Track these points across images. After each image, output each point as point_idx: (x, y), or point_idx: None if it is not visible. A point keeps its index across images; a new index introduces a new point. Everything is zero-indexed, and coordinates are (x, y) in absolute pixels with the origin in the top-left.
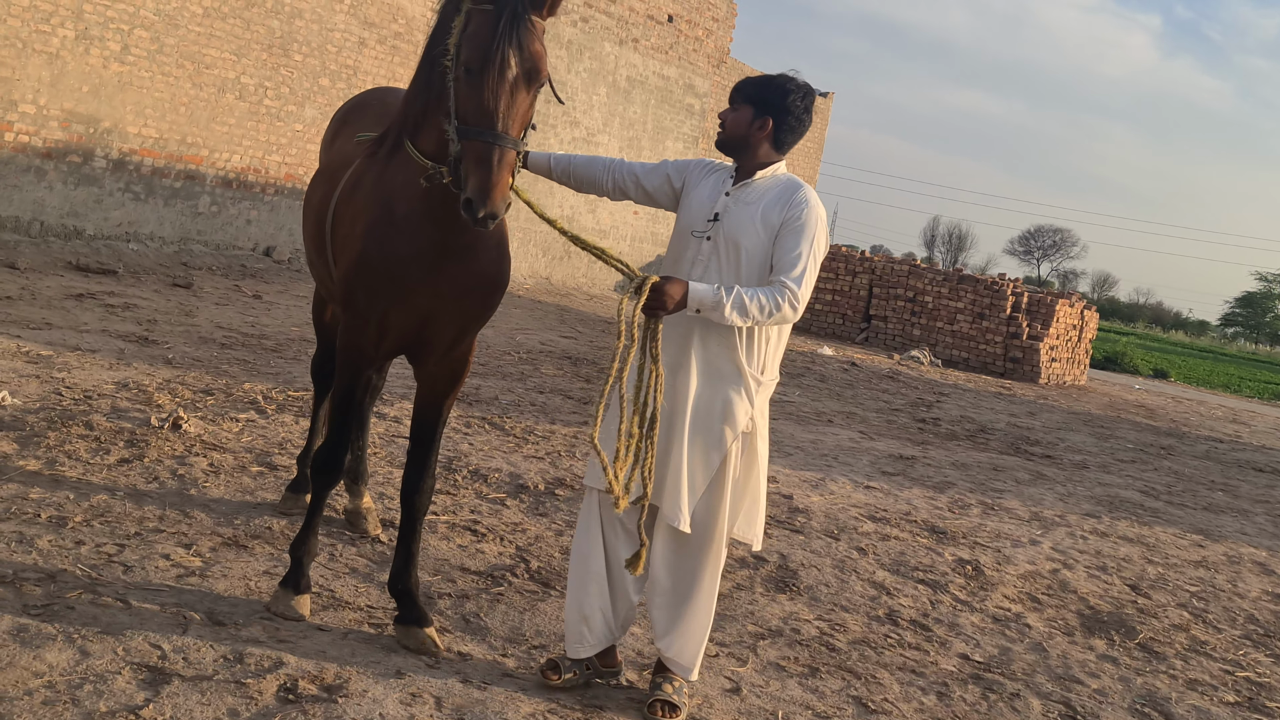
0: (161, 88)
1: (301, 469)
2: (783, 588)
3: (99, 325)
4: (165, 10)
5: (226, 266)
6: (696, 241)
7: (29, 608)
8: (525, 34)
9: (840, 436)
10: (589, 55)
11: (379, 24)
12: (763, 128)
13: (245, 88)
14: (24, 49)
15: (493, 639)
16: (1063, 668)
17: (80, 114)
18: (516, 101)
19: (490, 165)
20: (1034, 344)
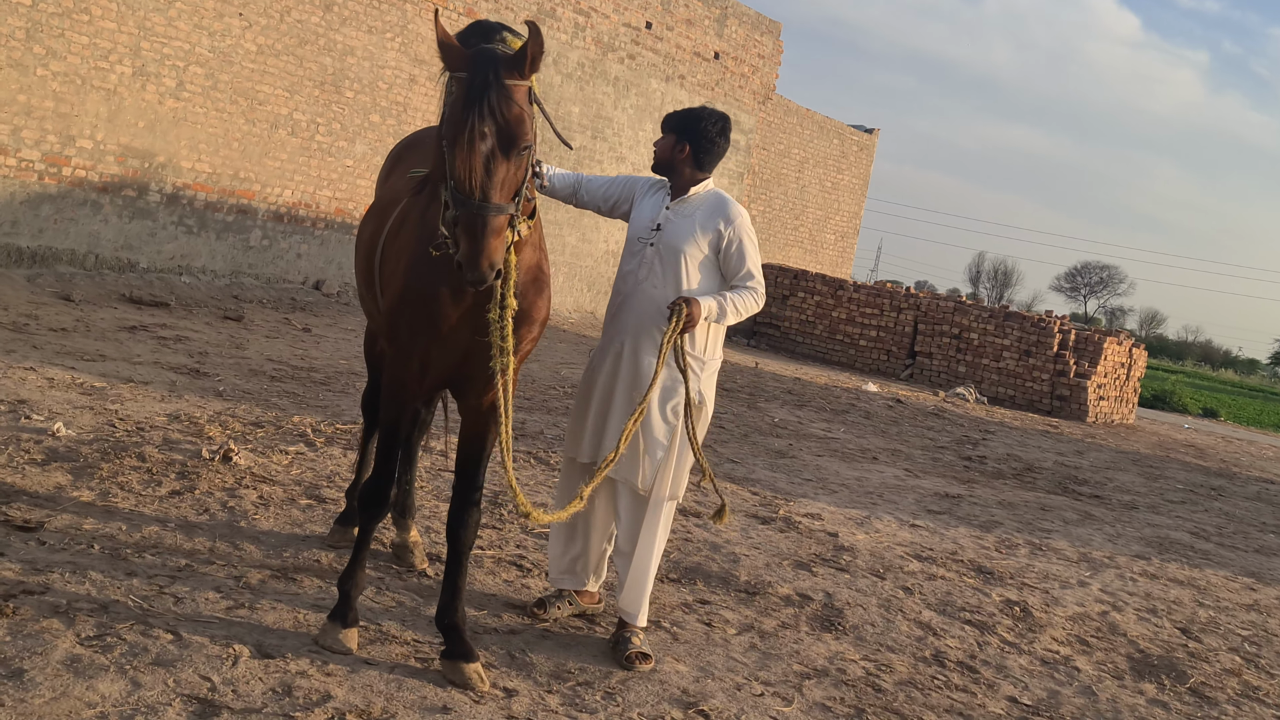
0: (215, 123)
1: (350, 502)
2: (828, 627)
3: (151, 357)
4: (220, 48)
5: (276, 300)
6: (642, 247)
7: (82, 638)
8: (500, 101)
9: (885, 474)
10: (635, 92)
11: (429, 61)
12: (682, 151)
13: (297, 124)
14: (83, 85)
15: (538, 675)
16: (1112, 712)
17: (136, 149)
18: (496, 170)
19: (475, 234)
20: (1081, 382)
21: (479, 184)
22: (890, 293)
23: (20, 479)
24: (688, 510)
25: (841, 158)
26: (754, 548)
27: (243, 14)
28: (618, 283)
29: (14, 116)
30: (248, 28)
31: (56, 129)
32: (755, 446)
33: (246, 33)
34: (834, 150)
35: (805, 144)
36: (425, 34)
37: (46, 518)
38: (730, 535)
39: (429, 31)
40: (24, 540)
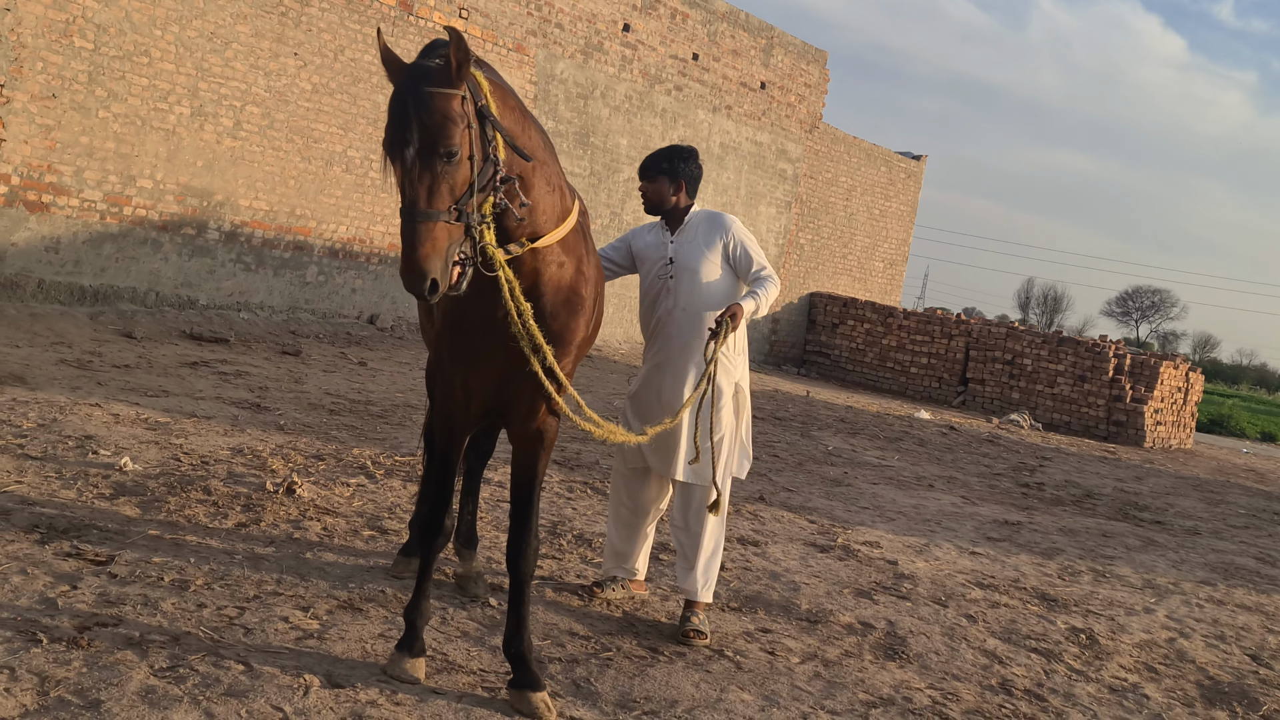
0: (272, 161)
1: (412, 533)
2: (892, 655)
3: (213, 392)
4: (275, 87)
5: (333, 334)
6: (662, 280)
7: (156, 669)
8: (421, 109)
9: (942, 501)
10: (682, 123)
11: None
12: (677, 189)
13: (351, 160)
14: (142, 126)
15: (603, 704)
16: None
17: (194, 188)
18: (425, 175)
19: (407, 241)
20: (1138, 407)
21: (406, 191)
22: (941, 319)
23: (90, 513)
24: (746, 539)
25: (889, 185)
26: (814, 576)
27: (298, 54)
28: (647, 320)
29: (77, 158)
30: (302, 67)
31: (117, 169)
32: (810, 475)
33: (301, 72)
34: (881, 177)
35: (853, 172)
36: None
37: (117, 551)
38: (789, 564)
39: None
40: (96, 574)
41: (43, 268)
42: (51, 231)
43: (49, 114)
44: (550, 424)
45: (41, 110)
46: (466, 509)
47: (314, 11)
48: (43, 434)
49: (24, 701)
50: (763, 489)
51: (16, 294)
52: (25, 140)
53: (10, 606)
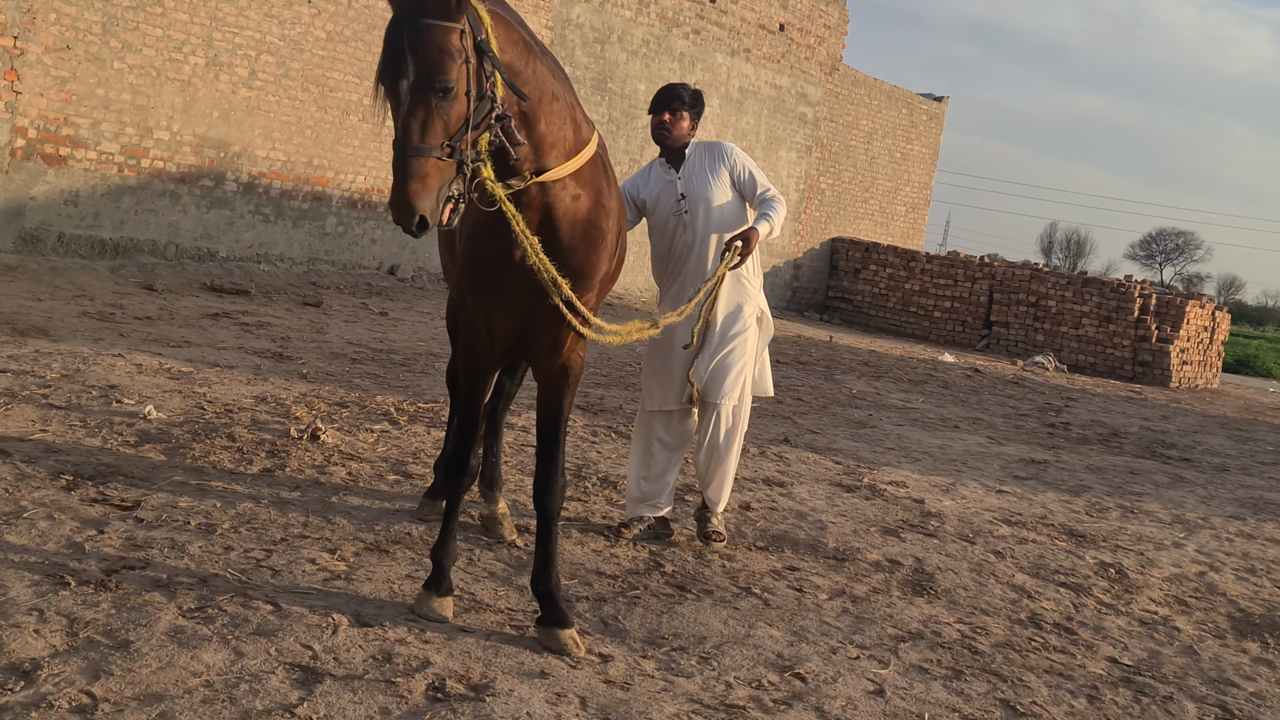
0: (288, 111)
1: (438, 475)
2: (920, 591)
3: (235, 343)
4: (290, 36)
5: (353, 285)
6: (678, 216)
7: (184, 610)
8: (417, 41)
9: (968, 442)
10: (701, 67)
11: None
12: (694, 126)
13: (368, 109)
14: (158, 77)
15: (632, 641)
16: (1216, 671)
17: (211, 139)
18: (419, 110)
19: (398, 176)
20: (1164, 347)
21: (399, 124)
22: (964, 263)
23: (115, 460)
24: (771, 480)
25: (911, 127)
26: (840, 515)
27: (311, 1)
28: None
29: (93, 110)
30: (317, 15)
31: (134, 121)
32: (835, 417)
33: (316, 20)
34: (903, 120)
35: (874, 114)
36: None
37: (143, 496)
38: (816, 504)
39: None
40: (122, 518)
41: (62, 221)
42: (70, 185)
43: (64, 66)
44: (575, 360)
45: (56, 62)
46: (490, 450)
47: None
48: (66, 384)
49: (53, 642)
50: (787, 431)
51: (37, 248)
52: (41, 93)
53: (38, 551)
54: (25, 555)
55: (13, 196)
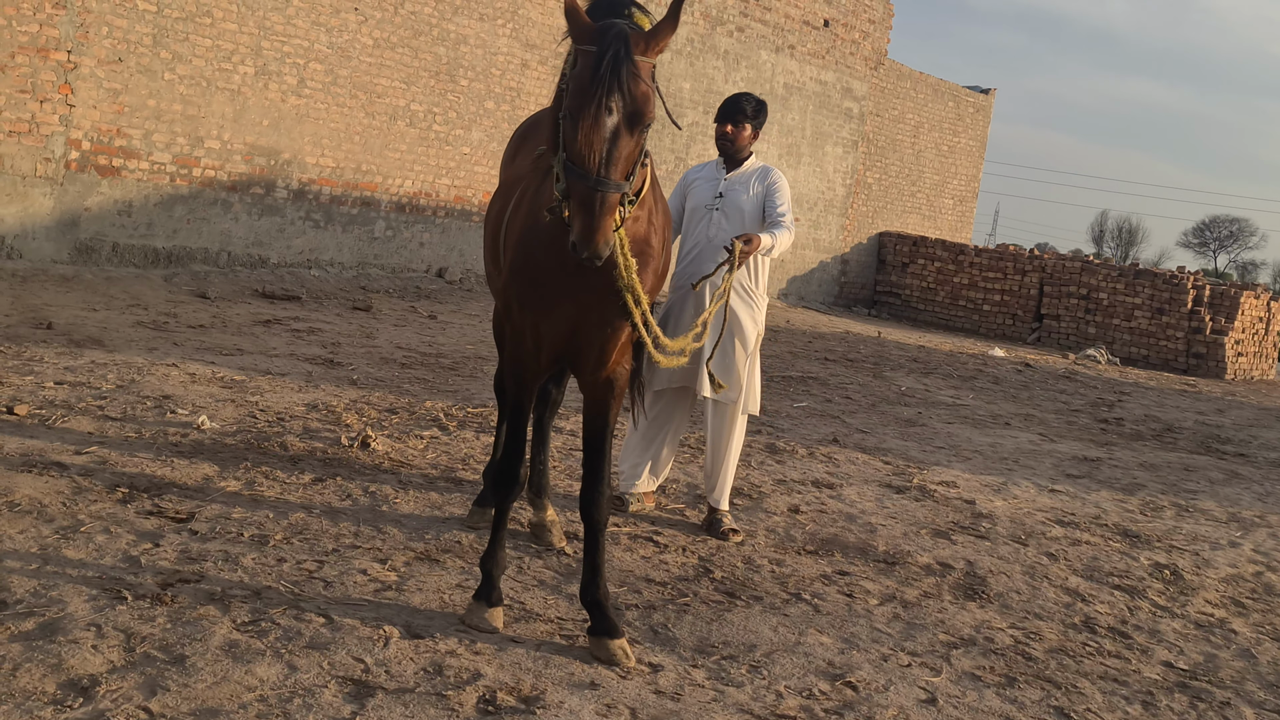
0: (336, 118)
1: (487, 482)
2: (972, 595)
3: (287, 349)
4: (338, 43)
5: (402, 289)
6: (707, 212)
7: (238, 624)
8: (627, 77)
9: (1019, 439)
10: (745, 64)
11: (540, 45)
12: (755, 135)
13: (415, 114)
14: (208, 87)
15: (682, 649)
16: (1275, 674)
17: (261, 147)
18: (618, 145)
19: (591, 210)
20: (1218, 339)
21: (599, 159)
22: (1014, 255)
23: (170, 471)
24: (820, 481)
25: (957, 120)
26: (890, 517)
27: (358, 9)
28: (687, 249)
29: (145, 121)
30: (364, 22)
31: (185, 131)
32: (884, 416)
33: (363, 27)
34: (949, 113)
35: (920, 108)
36: (535, 19)
37: (197, 508)
38: (865, 506)
39: (539, 16)
40: (177, 531)
41: (116, 231)
42: (123, 195)
43: (116, 78)
44: (621, 372)
45: (108, 75)
46: (538, 457)
47: None
48: (122, 395)
49: (111, 658)
50: (836, 431)
51: (92, 258)
52: (94, 105)
53: (95, 565)
54: (83, 570)
55: (68, 208)
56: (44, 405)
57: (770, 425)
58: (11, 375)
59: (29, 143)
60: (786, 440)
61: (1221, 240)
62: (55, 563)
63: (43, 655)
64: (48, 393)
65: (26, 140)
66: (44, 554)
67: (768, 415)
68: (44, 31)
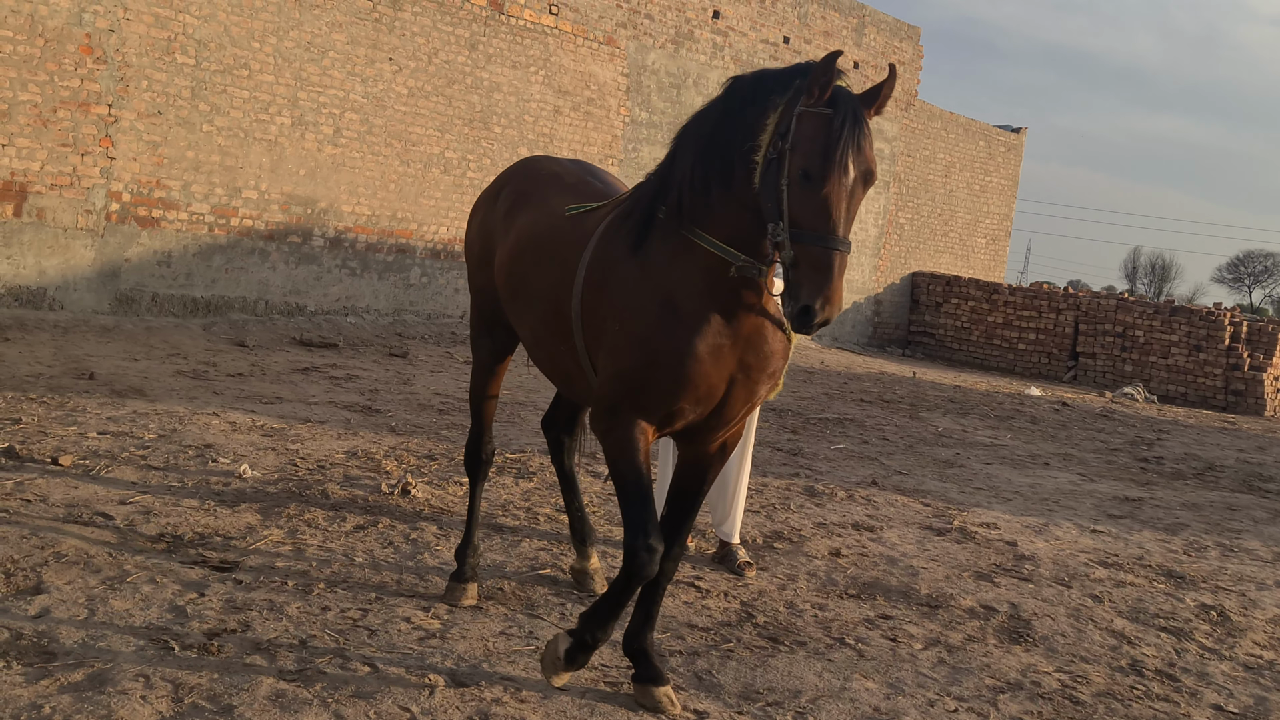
0: (372, 166)
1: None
2: (1017, 639)
3: (325, 397)
4: (373, 93)
5: (437, 335)
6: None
7: (284, 673)
8: (863, 138)
9: (1059, 479)
10: None
11: (572, 92)
12: None
13: (449, 162)
14: (245, 138)
15: (726, 696)
16: None
17: (298, 196)
18: (853, 205)
19: (831, 272)
20: (1257, 375)
21: (842, 221)
22: (1048, 294)
23: (213, 521)
24: (860, 524)
25: (989, 159)
26: (932, 560)
27: (393, 59)
28: None
29: (184, 173)
30: (398, 71)
31: (223, 181)
32: (922, 457)
33: (397, 76)
34: (980, 152)
35: (951, 148)
36: (568, 66)
37: (241, 557)
38: (906, 548)
39: (571, 64)
40: (222, 580)
41: (156, 281)
42: (163, 246)
43: (155, 131)
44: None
45: (148, 127)
46: (573, 505)
47: (407, 16)
48: (164, 444)
49: (159, 709)
50: (874, 473)
51: (132, 308)
52: (134, 158)
53: (142, 615)
54: (130, 620)
55: (109, 259)
56: (88, 455)
57: (809, 468)
58: (55, 426)
59: (70, 195)
60: (825, 483)
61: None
62: (103, 613)
63: (92, 706)
64: (91, 443)
65: (68, 193)
66: (91, 605)
67: (805, 458)
68: (85, 86)
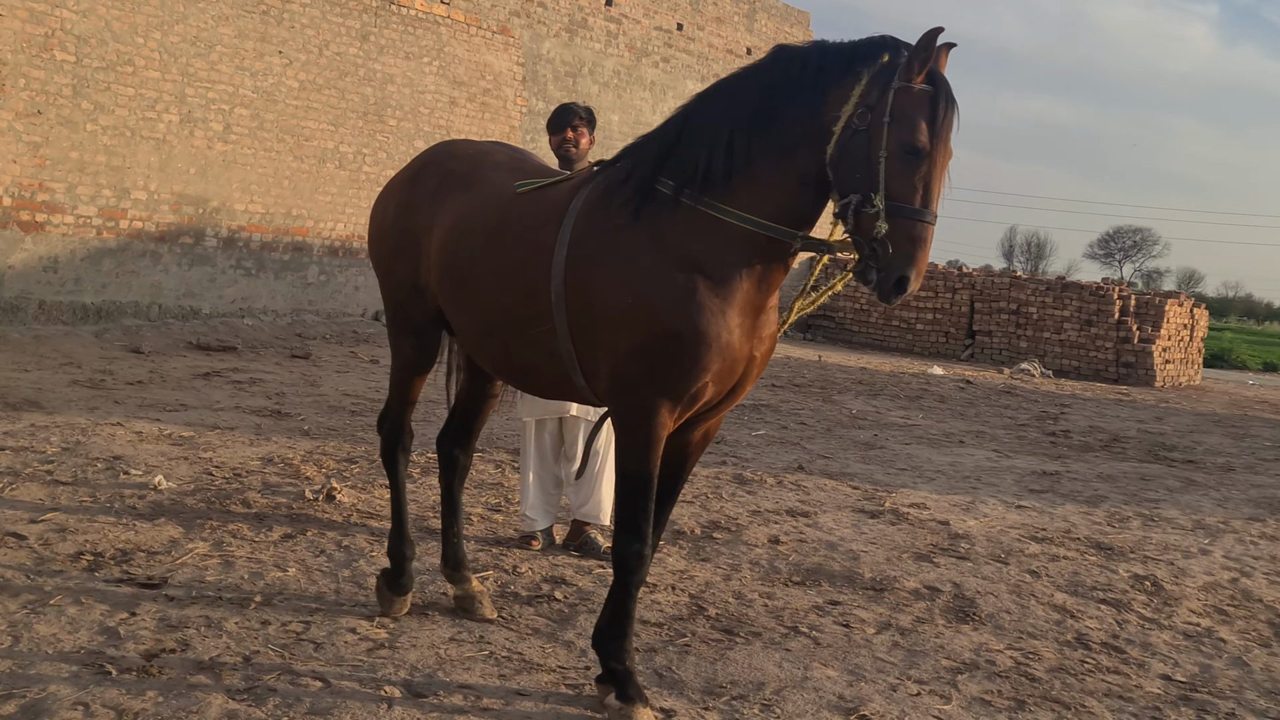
0: (265, 163)
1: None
2: (964, 618)
3: (231, 402)
4: (263, 87)
5: (339, 334)
6: None
7: (233, 692)
8: (958, 117)
9: (976, 456)
10: (672, 95)
11: (467, 82)
12: (591, 141)
13: (344, 156)
14: (132, 137)
15: (690, 692)
16: (1270, 682)
17: (189, 195)
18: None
19: (926, 245)
20: (1146, 347)
21: (939, 194)
22: (944, 274)
23: (134, 536)
24: (795, 510)
25: None
26: (870, 543)
27: (282, 51)
28: None
29: (68, 174)
30: (288, 65)
31: (110, 183)
32: (842, 440)
33: (288, 70)
34: None
35: None
36: (461, 56)
37: (168, 573)
38: (843, 532)
39: (465, 54)
40: (152, 598)
41: (43, 288)
42: (49, 251)
43: (36, 131)
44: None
45: (28, 128)
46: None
47: (295, 8)
48: (69, 458)
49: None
50: (799, 458)
51: (18, 317)
52: (14, 159)
53: (71, 639)
54: (59, 644)
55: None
56: None
57: (733, 455)
58: None
59: None
60: (753, 470)
61: (1126, 250)
62: (28, 640)
63: None
64: None
65: None
66: (14, 631)
67: (729, 445)
68: None
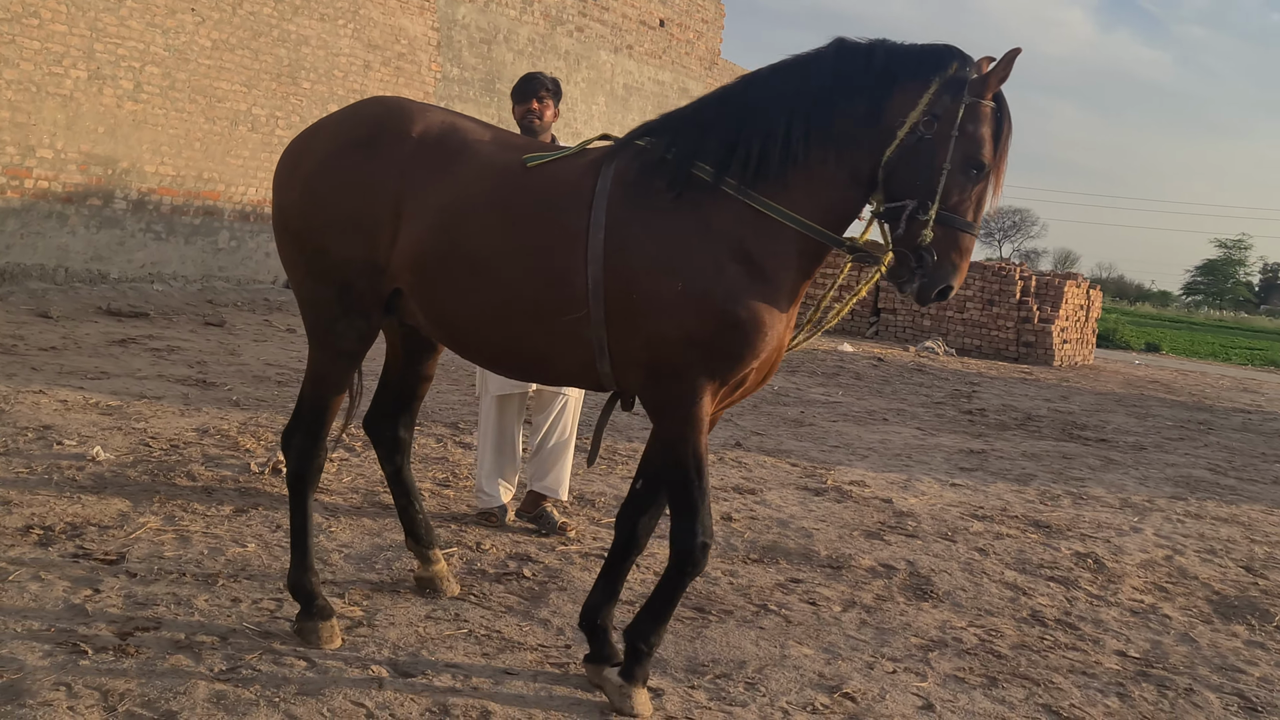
0: (176, 124)
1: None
2: (922, 595)
3: (153, 371)
4: (175, 45)
5: (251, 301)
6: None
7: (217, 673)
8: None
9: (903, 434)
10: (586, 65)
11: (382, 46)
12: (556, 113)
13: (257, 119)
14: (38, 93)
15: (674, 671)
16: (1218, 657)
17: (98, 155)
18: None
19: (969, 256)
20: (1046, 327)
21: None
22: None
23: (82, 509)
24: (740, 487)
25: None
26: (820, 521)
27: (195, 9)
28: None
29: None
30: (201, 23)
31: (15, 140)
32: (771, 417)
33: (200, 28)
34: None
35: None
36: (377, 19)
37: (124, 548)
38: (792, 510)
39: (380, 16)
40: (113, 574)
41: None
42: None
43: None
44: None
45: None
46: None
47: None
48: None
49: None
50: (733, 434)
51: None
52: None
53: (39, 616)
54: (26, 623)
55: None
56: None
57: None
58: None
59: None
60: None
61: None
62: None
63: None
64: None
65: None
66: None
67: None
68: None
